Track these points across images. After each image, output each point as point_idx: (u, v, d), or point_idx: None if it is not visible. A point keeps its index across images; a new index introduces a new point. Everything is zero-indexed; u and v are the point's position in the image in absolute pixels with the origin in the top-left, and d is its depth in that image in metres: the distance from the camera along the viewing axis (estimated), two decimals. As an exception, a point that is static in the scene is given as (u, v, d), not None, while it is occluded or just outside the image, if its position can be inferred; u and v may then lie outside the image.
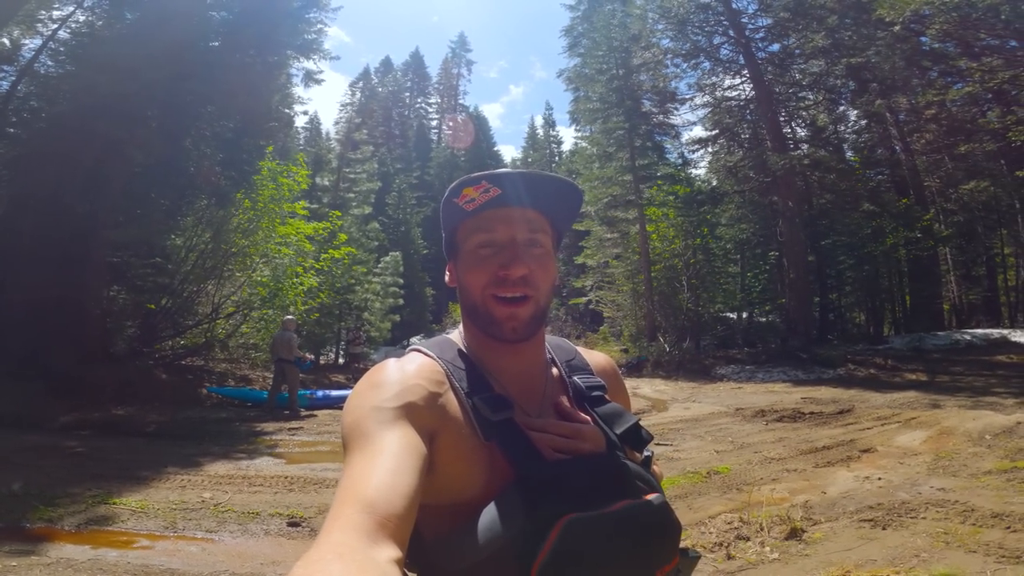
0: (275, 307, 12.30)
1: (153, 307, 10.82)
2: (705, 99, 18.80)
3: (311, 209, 16.14)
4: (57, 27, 9.97)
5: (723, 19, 17.45)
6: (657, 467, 0.84)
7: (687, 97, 19.25)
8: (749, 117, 18.64)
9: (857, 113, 18.84)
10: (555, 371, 0.85)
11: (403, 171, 39.29)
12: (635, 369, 15.13)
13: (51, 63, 10.23)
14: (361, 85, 50.68)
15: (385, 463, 0.58)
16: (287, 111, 14.57)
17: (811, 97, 18.04)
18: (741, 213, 18.99)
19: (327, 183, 22.99)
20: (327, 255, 14.97)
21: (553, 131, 48.95)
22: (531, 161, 47.97)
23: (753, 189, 18.16)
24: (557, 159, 45.38)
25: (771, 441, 6.26)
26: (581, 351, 0.91)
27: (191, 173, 10.82)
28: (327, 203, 21.50)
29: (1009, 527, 3.29)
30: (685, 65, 18.38)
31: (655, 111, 19.43)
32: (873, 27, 14.97)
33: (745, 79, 17.91)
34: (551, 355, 0.87)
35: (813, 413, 7.89)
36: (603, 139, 19.24)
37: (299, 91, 15.02)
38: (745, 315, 19.33)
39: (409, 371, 0.73)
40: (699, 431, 7.12)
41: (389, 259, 23.31)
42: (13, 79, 9.77)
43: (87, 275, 9.23)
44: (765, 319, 18.77)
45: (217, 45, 11.04)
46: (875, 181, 19.18)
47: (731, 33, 17.44)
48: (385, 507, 0.53)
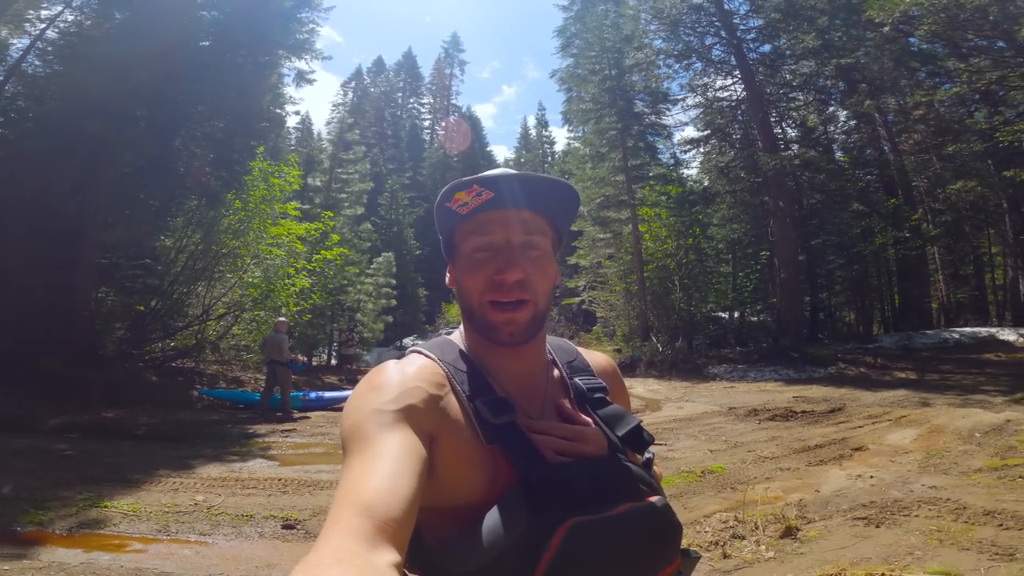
0: (267, 308, 12.21)
1: (143, 308, 10.72)
2: (697, 100, 18.95)
3: (303, 210, 16.07)
4: (45, 27, 9.85)
5: (715, 20, 17.58)
6: (658, 468, 0.84)
7: (679, 98, 19.39)
8: (740, 117, 18.77)
9: (846, 114, 19.03)
10: (556, 372, 0.84)
11: (395, 171, 39.28)
12: (628, 369, 15.19)
13: (39, 63, 10.13)
14: (353, 85, 50.67)
15: (384, 466, 0.57)
16: (278, 111, 14.45)
17: (801, 98, 18.19)
18: (733, 213, 19.09)
19: (319, 184, 22.90)
20: (319, 256, 14.91)
21: (546, 131, 48.93)
22: (524, 161, 48.01)
23: (744, 189, 18.28)
24: (550, 159, 45.42)
25: (764, 440, 6.30)
26: (582, 352, 0.90)
27: (181, 173, 10.74)
28: (319, 204, 21.43)
29: (1001, 524, 3.32)
30: (677, 66, 18.52)
31: (647, 111, 19.50)
32: (863, 28, 15.13)
33: (736, 80, 18.05)
34: (552, 356, 0.86)
35: (805, 412, 7.97)
36: (596, 139, 19.31)
37: (291, 91, 14.93)
38: (737, 314, 19.48)
39: (409, 373, 0.72)
40: (693, 430, 7.15)
41: (382, 260, 23.29)
42: (1, 79, 9.65)
43: (76, 276, 9.13)
44: (757, 318, 18.92)
45: (208, 45, 10.96)
46: (864, 181, 19.34)
47: (723, 34, 17.56)
48: (384, 511, 0.52)
